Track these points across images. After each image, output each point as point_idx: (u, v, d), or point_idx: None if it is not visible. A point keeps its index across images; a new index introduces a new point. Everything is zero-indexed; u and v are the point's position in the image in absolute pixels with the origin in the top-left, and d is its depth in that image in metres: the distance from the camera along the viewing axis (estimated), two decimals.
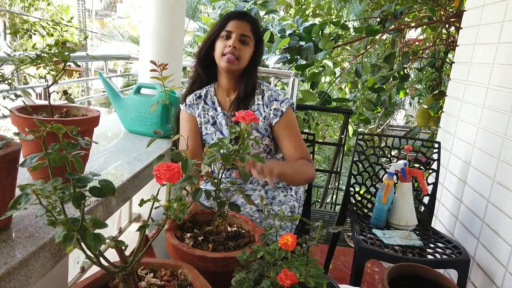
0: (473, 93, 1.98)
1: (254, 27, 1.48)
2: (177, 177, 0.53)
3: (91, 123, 1.13)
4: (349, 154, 6.70)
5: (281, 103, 1.48)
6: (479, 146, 1.85)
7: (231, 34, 1.44)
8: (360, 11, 4.55)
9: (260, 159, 0.98)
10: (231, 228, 1.05)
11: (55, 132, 0.58)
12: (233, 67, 1.44)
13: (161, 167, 0.53)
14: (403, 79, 3.41)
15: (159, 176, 0.51)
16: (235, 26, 1.44)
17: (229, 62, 1.42)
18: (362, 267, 1.53)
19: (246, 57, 1.46)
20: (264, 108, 1.50)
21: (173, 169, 0.53)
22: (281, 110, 1.47)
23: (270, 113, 1.48)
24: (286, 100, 1.49)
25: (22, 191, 0.48)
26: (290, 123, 1.48)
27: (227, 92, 1.56)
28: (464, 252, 1.55)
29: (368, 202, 1.96)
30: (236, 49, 1.42)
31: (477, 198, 1.80)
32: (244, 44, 1.45)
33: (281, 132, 1.46)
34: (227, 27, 1.45)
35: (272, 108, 1.48)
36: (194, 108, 1.58)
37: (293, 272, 0.64)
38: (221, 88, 1.57)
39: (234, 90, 1.55)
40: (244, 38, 1.44)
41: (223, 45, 1.44)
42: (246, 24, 1.46)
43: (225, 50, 1.43)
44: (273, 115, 1.47)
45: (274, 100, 1.49)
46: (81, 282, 0.71)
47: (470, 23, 2.13)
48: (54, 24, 0.97)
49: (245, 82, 1.50)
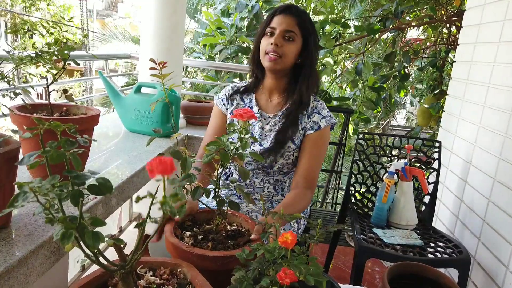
0: (474, 92, 1.98)
1: (300, 20, 1.35)
2: (170, 170, 0.52)
3: (90, 122, 1.13)
4: (350, 153, 6.70)
5: (322, 119, 1.40)
6: (480, 145, 1.85)
7: (275, 31, 1.34)
8: (361, 11, 4.55)
9: (260, 157, 0.97)
10: (231, 227, 1.04)
11: (54, 130, 0.58)
12: (276, 66, 1.35)
13: (153, 161, 0.52)
14: (404, 78, 3.41)
15: (151, 170, 0.50)
16: (279, 22, 1.34)
17: (271, 61, 1.33)
18: (362, 267, 1.52)
19: (290, 54, 1.35)
20: (305, 118, 1.41)
21: (165, 162, 0.51)
22: (318, 125, 1.39)
23: (308, 124, 1.40)
24: (327, 118, 1.40)
25: (19, 189, 0.48)
26: (319, 141, 1.39)
27: (269, 92, 1.47)
28: (465, 252, 1.54)
29: (368, 201, 1.95)
30: (279, 47, 1.32)
31: (478, 197, 1.79)
32: (289, 40, 1.34)
33: (306, 145, 1.39)
34: (271, 23, 1.36)
35: (312, 120, 1.40)
36: (227, 104, 1.49)
37: (292, 271, 0.64)
38: (264, 87, 1.47)
39: (279, 91, 1.45)
40: (288, 34, 1.33)
41: (266, 43, 1.35)
42: (291, 18, 1.34)
43: (267, 48, 1.34)
44: (310, 126, 1.39)
45: (317, 113, 1.40)
46: (80, 281, 0.71)
47: (471, 22, 2.12)
48: (54, 24, 0.97)
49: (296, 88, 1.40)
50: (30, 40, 12.57)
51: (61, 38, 0.95)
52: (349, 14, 4.97)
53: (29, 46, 11.34)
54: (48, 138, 0.59)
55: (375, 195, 1.91)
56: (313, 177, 1.37)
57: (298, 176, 1.36)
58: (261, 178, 1.45)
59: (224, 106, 1.49)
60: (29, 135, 0.53)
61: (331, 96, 3.52)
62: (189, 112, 2.30)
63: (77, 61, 1.11)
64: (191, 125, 2.30)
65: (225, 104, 1.49)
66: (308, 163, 1.36)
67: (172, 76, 1.29)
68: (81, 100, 2.61)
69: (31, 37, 12.80)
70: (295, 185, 1.35)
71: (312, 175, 1.37)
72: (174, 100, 1.80)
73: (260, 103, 1.47)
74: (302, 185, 1.33)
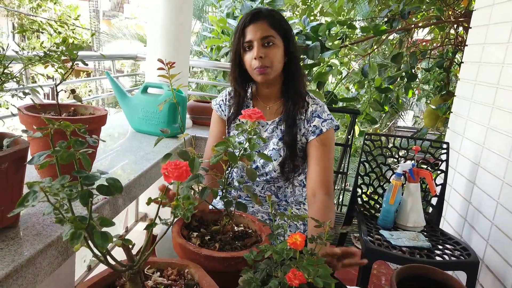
0: (482, 93, 1.96)
1: (272, 21, 1.30)
2: (185, 176, 0.52)
3: (98, 122, 1.13)
4: (355, 154, 6.67)
5: (322, 122, 1.34)
6: (488, 147, 1.83)
7: (252, 43, 1.29)
8: (368, 12, 4.53)
9: (268, 158, 0.97)
10: (238, 228, 1.04)
11: (63, 130, 0.58)
12: (268, 76, 1.31)
13: (169, 165, 0.53)
14: (411, 79, 3.39)
15: (167, 175, 0.51)
16: (253, 32, 1.28)
17: (262, 74, 1.29)
18: (369, 269, 1.51)
19: (277, 59, 1.30)
20: (304, 123, 1.36)
21: (181, 168, 0.52)
22: (320, 129, 1.33)
23: (309, 129, 1.35)
24: (329, 121, 1.35)
25: (30, 189, 0.48)
26: (325, 144, 1.33)
27: (266, 100, 1.43)
28: (473, 254, 1.53)
29: (375, 203, 1.94)
30: (264, 58, 1.28)
31: (486, 199, 1.77)
32: (270, 46, 1.29)
33: (312, 151, 1.33)
34: (245, 36, 1.30)
35: (311, 125, 1.34)
36: (225, 109, 1.46)
37: (301, 272, 0.63)
38: (260, 96, 1.44)
39: (275, 97, 1.41)
40: (266, 39, 1.28)
41: (250, 58, 1.30)
42: (263, 23, 1.29)
43: (253, 64, 1.29)
44: (311, 132, 1.34)
45: (317, 117, 1.35)
46: (88, 281, 0.71)
47: (479, 23, 2.11)
48: (61, 23, 0.98)
49: (289, 91, 1.35)
50: (37, 40, 12.68)
51: (68, 37, 0.95)
52: (355, 15, 4.95)
53: (37, 46, 11.44)
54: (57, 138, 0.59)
55: (382, 197, 1.90)
56: (329, 182, 1.31)
57: (313, 183, 1.30)
58: (262, 186, 1.42)
59: (223, 112, 1.46)
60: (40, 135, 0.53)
61: (337, 97, 3.51)
62: (195, 112, 2.30)
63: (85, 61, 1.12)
64: (197, 125, 2.30)
65: (223, 110, 1.46)
66: (319, 169, 1.31)
67: (179, 76, 1.29)
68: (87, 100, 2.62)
69: (38, 37, 12.91)
70: (312, 194, 1.29)
71: (327, 180, 1.30)
72: (181, 101, 1.80)
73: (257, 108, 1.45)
74: (320, 192, 1.27)
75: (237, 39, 1.32)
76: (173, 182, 0.54)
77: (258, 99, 1.44)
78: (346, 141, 2.80)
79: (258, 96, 1.44)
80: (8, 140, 0.65)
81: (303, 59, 3.20)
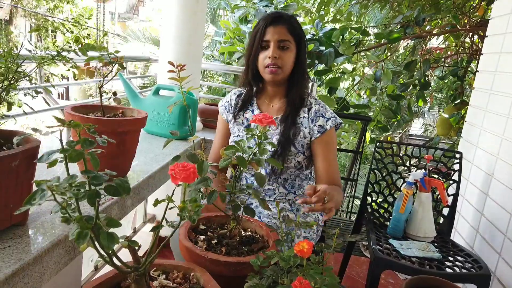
0: (498, 103, 1.93)
1: (291, 27, 1.39)
2: (193, 178, 0.52)
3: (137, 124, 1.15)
4: (365, 162, 6.61)
5: (327, 121, 1.42)
6: (502, 158, 1.79)
7: (269, 43, 1.37)
8: (381, 19, 4.51)
9: (277, 164, 0.96)
10: (245, 233, 1.03)
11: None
12: (278, 77, 1.39)
13: (176, 167, 0.52)
14: (424, 87, 3.35)
15: (174, 176, 0.50)
16: (271, 33, 1.37)
17: (272, 73, 1.37)
18: (377, 278, 1.49)
19: (289, 63, 1.39)
20: (309, 122, 1.43)
21: (188, 169, 0.52)
22: (325, 128, 1.41)
23: (314, 129, 1.42)
24: (332, 118, 1.43)
25: (38, 187, 0.48)
26: (329, 142, 1.43)
27: (271, 98, 1.51)
28: (485, 267, 1.49)
29: (385, 212, 1.91)
30: (277, 58, 1.36)
31: (500, 211, 1.74)
32: (284, 50, 1.38)
33: (318, 149, 1.42)
34: (265, 36, 1.38)
35: (317, 124, 1.42)
36: (230, 110, 1.55)
37: (307, 280, 0.62)
38: (265, 94, 1.51)
39: (280, 96, 1.49)
40: (283, 43, 1.37)
41: (264, 57, 1.39)
42: (282, 27, 1.38)
43: (266, 62, 1.38)
44: (317, 131, 1.41)
45: (321, 116, 1.42)
46: (94, 281, 0.71)
47: (496, 31, 2.08)
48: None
49: (293, 93, 1.43)
50: (53, 40, 12.91)
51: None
52: (368, 22, 4.93)
53: (51, 46, 11.64)
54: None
55: (392, 205, 1.87)
56: (337, 177, 1.41)
57: (321, 181, 1.39)
58: (268, 178, 1.47)
59: (228, 113, 1.55)
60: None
61: (349, 103, 3.49)
62: (205, 115, 2.30)
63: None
64: (207, 128, 2.30)
65: (229, 111, 1.55)
66: (326, 166, 1.40)
67: (190, 79, 1.29)
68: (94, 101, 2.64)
69: (54, 37, 13.14)
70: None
71: (335, 176, 1.40)
72: (191, 103, 1.80)
73: (261, 108, 1.51)
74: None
75: (257, 37, 1.39)
76: (180, 184, 0.53)
77: (262, 97, 1.52)
78: (357, 148, 2.77)
79: (263, 94, 1.52)
80: (18, 138, 0.65)
81: (315, 64, 3.19)
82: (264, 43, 1.38)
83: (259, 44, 1.39)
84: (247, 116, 1.51)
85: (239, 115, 1.52)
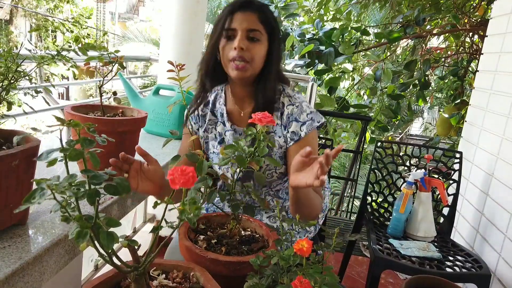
0: (498, 103, 1.93)
1: (263, 15, 1.16)
2: (192, 182, 0.52)
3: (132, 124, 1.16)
4: (365, 162, 6.61)
5: (301, 126, 1.19)
6: (502, 158, 1.79)
7: (236, 32, 1.14)
8: (380, 18, 4.51)
9: (277, 163, 0.96)
10: (245, 232, 1.03)
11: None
12: (245, 73, 1.15)
13: (175, 171, 0.52)
14: (424, 86, 3.35)
15: (173, 181, 0.50)
16: (239, 21, 1.14)
17: (239, 69, 1.14)
18: (377, 278, 1.49)
19: (259, 57, 1.16)
20: (282, 130, 1.22)
21: (187, 174, 0.51)
22: (299, 135, 1.19)
23: (287, 136, 1.21)
24: (308, 122, 1.19)
25: (37, 185, 0.48)
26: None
27: (240, 102, 1.27)
28: (485, 266, 1.49)
29: (385, 211, 1.92)
30: (245, 50, 1.13)
31: (500, 211, 1.74)
32: (254, 41, 1.15)
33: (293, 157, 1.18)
34: (231, 23, 1.14)
35: (289, 130, 1.20)
36: (198, 121, 1.33)
37: (307, 280, 0.62)
38: (234, 96, 1.28)
39: (249, 100, 1.25)
40: (252, 33, 1.14)
41: (228, 49, 1.16)
42: (252, 14, 1.15)
43: (231, 55, 1.14)
44: (290, 138, 1.20)
45: (294, 121, 1.20)
46: (94, 281, 0.71)
47: (496, 31, 2.08)
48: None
49: (260, 95, 1.20)
50: (53, 40, 12.93)
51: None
52: (367, 22, 4.93)
53: (51, 46, 11.66)
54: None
55: (392, 205, 1.87)
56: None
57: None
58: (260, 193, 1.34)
59: (196, 124, 1.33)
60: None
61: (349, 103, 3.49)
62: None
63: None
64: None
65: (196, 122, 1.33)
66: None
67: (190, 78, 1.29)
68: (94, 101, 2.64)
69: (54, 37, 13.16)
70: None
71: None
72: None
73: (232, 116, 1.28)
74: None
75: (221, 24, 1.17)
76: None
77: (232, 105, 1.29)
78: (357, 148, 2.77)
79: (232, 100, 1.29)
80: (18, 137, 0.65)
81: (315, 64, 3.19)
82: (230, 32, 1.15)
83: (222, 32, 1.16)
84: (219, 129, 1.29)
85: (211, 129, 1.31)
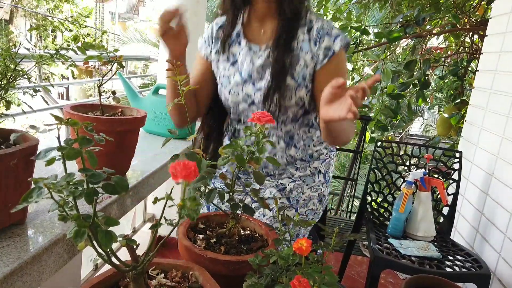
0: (498, 102, 1.93)
1: None
2: (194, 176, 0.51)
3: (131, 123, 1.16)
4: (365, 162, 6.60)
5: (335, 39, 1.10)
6: (502, 157, 1.79)
7: None
8: (380, 18, 4.51)
9: (276, 162, 0.96)
10: (244, 231, 1.03)
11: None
12: None
13: (177, 165, 0.52)
14: (424, 86, 3.35)
15: (174, 174, 0.50)
16: None
17: None
18: (377, 277, 1.49)
19: None
20: (311, 45, 1.12)
21: (189, 167, 0.51)
22: (332, 50, 1.10)
23: (319, 53, 1.11)
24: (341, 36, 1.10)
25: (35, 185, 0.48)
26: (340, 69, 1.12)
27: (261, 19, 1.18)
28: (485, 266, 1.49)
29: (385, 211, 1.91)
30: None
31: (500, 210, 1.73)
32: None
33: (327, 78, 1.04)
34: None
35: (322, 47, 1.10)
36: (211, 44, 1.27)
37: (306, 279, 0.62)
38: (255, 15, 1.19)
39: (272, 17, 1.16)
40: None
41: None
42: None
43: None
44: (323, 55, 1.11)
45: (326, 35, 1.10)
46: (92, 280, 0.71)
47: (496, 31, 2.07)
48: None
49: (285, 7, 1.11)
50: (53, 40, 12.94)
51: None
52: (367, 21, 4.93)
53: (50, 45, 11.69)
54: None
55: (392, 205, 1.87)
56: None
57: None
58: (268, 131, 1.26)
59: (209, 47, 1.28)
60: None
61: None
62: None
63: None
64: None
65: (209, 45, 1.28)
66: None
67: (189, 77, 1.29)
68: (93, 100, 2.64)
69: (54, 37, 13.17)
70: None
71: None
72: None
73: (250, 36, 1.21)
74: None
75: None
76: (180, 182, 0.53)
77: (251, 22, 1.22)
78: (357, 148, 2.77)
79: (251, 17, 1.21)
80: (15, 135, 0.65)
81: None
82: None
83: None
84: (233, 50, 1.23)
85: (225, 49, 1.24)
